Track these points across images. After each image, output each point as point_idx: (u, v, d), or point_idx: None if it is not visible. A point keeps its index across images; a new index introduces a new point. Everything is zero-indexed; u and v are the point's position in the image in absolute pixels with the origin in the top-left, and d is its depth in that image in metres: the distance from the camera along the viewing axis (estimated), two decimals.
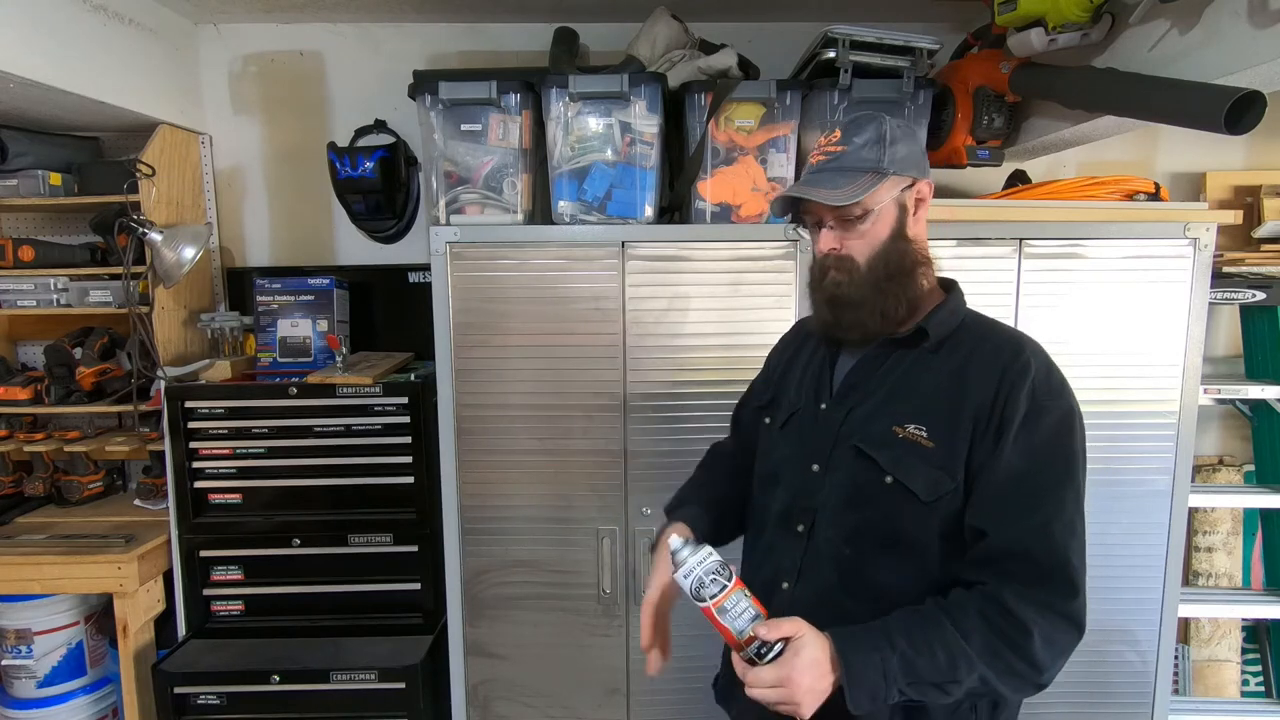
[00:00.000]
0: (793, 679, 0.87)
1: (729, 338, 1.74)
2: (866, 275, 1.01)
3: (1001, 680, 0.91)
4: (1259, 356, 2.20)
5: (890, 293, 1.01)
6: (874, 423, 1.02)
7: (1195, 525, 2.27)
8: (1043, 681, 0.92)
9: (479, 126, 1.74)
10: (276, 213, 2.34)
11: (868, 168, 0.98)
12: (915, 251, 1.03)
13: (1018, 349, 0.99)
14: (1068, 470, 0.95)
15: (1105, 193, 1.73)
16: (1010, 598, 0.90)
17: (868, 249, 1.00)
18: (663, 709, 1.84)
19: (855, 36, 1.68)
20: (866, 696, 0.89)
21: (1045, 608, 0.90)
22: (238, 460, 1.95)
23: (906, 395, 1.02)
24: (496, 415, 1.76)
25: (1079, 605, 0.92)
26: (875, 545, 1.00)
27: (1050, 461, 0.94)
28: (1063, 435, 0.95)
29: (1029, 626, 0.89)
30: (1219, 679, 2.30)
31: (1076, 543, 0.93)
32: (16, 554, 1.91)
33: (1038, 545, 0.92)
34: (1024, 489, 0.94)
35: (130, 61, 1.97)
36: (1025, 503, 0.93)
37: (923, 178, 1.03)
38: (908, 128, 1.03)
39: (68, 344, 2.13)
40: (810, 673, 0.88)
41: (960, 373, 0.99)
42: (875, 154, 0.99)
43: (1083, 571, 0.93)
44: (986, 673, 0.90)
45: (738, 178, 1.76)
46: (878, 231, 1.00)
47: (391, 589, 1.98)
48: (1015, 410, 0.94)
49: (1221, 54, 1.24)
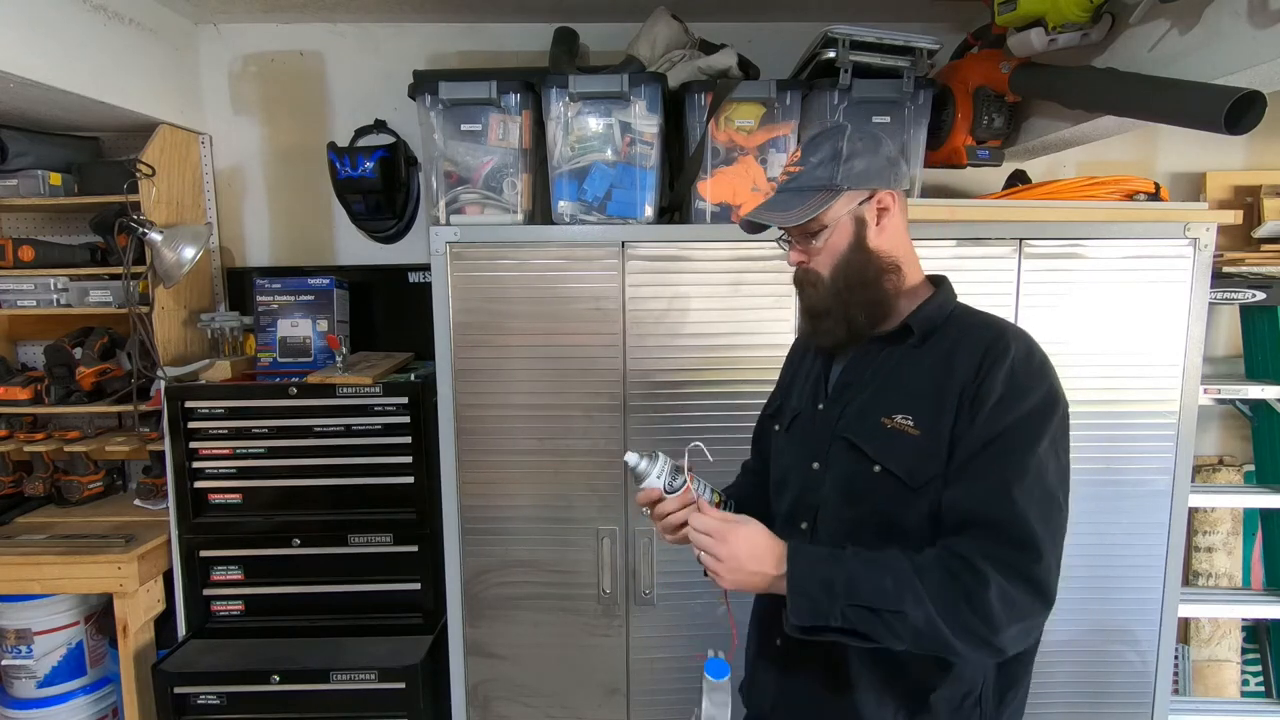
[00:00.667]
0: (728, 539, 0.96)
1: (729, 338, 1.74)
2: (830, 286, 1.06)
3: (953, 631, 0.90)
4: (1259, 356, 2.20)
5: (853, 302, 1.05)
6: (866, 417, 1.05)
7: (1195, 525, 2.27)
8: (998, 644, 0.90)
9: (479, 126, 1.74)
10: (276, 213, 2.34)
11: (820, 186, 1.03)
12: (878, 261, 1.05)
13: (999, 333, 1.02)
14: (1037, 441, 0.94)
15: (1105, 193, 1.73)
16: (972, 552, 0.91)
17: (830, 261, 1.06)
18: (663, 709, 1.84)
19: (855, 36, 1.68)
20: (806, 605, 0.92)
21: (1007, 567, 0.90)
22: (238, 460, 1.94)
23: (894, 387, 1.05)
24: (496, 415, 1.76)
25: (1043, 571, 0.90)
26: (873, 538, 1.02)
27: (1020, 431, 0.94)
28: (1036, 412, 0.95)
29: (987, 578, 0.89)
30: (1219, 679, 2.30)
31: (1041, 510, 0.92)
32: (16, 554, 1.91)
33: (998, 507, 0.92)
34: (989, 453, 0.94)
35: (130, 61, 1.97)
36: (988, 467, 0.94)
37: (885, 188, 1.05)
38: (872, 139, 1.06)
39: (68, 344, 2.13)
40: (745, 545, 0.96)
41: (945, 360, 1.01)
42: (828, 171, 1.03)
43: (1050, 539, 0.91)
44: (935, 615, 0.89)
45: (738, 178, 1.76)
46: (835, 245, 1.05)
47: (391, 589, 1.98)
48: (992, 388, 0.96)
49: (1221, 54, 1.24)
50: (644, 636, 1.81)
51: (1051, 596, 0.91)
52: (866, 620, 0.91)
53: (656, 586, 1.79)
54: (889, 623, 0.91)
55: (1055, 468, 0.95)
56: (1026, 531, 0.90)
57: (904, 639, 0.91)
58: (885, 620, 0.91)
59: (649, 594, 1.79)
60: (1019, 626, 0.90)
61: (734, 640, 1.13)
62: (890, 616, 0.90)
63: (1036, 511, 0.91)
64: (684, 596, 1.79)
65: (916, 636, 0.91)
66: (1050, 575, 0.91)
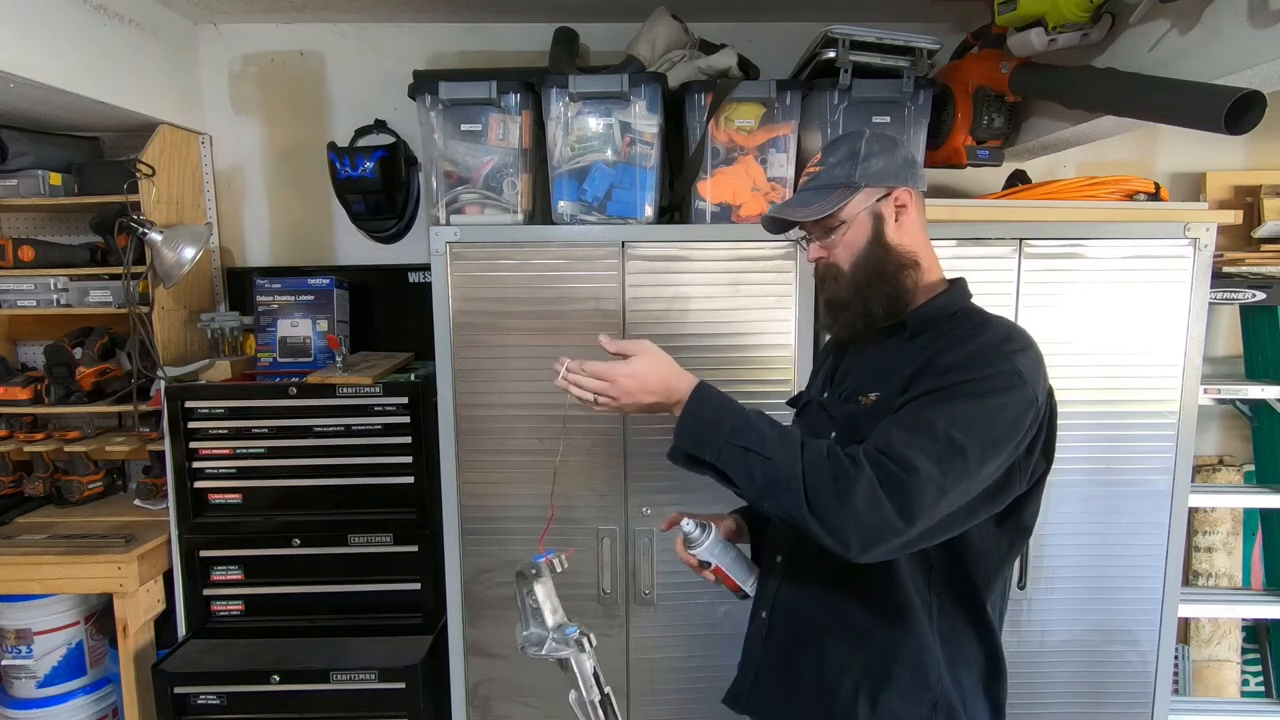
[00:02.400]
0: (634, 363, 1.04)
1: (729, 338, 1.74)
2: (850, 279, 1.09)
3: (810, 498, 0.91)
4: (1259, 356, 2.20)
5: (872, 295, 1.08)
6: (849, 400, 1.12)
7: (1195, 525, 2.27)
8: (846, 531, 0.90)
9: (479, 126, 1.74)
10: (276, 213, 2.34)
11: (839, 183, 1.08)
12: (897, 255, 1.08)
13: (983, 323, 1.05)
14: (971, 399, 0.94)
15: (1105, 193, 1.73)
16: (858, 451, 0.94)
17: (849, 256, 1.09)
18: (663, 709, 1.84)
19: (855, 36, 1.68)
20: (689, 434, 1.00)
21: (884, 472, 0.91)
22: (238, 460, 1.94)
23: (876, 370, 1.10)
24: (496, 415, 1.76)
25: (915, 488, 0.90)
26: None
27: (957, 389, 0.96)
28: (986, 380, 0.96)
29: (862, 470, 0.91)
30: (1219, 679, 2.30)
31: (938, 447, 0.91)
32: (16, 554, 1.91)
33: (900, 435, 0.94)
34: (917, 403, 0.97)
35: (130, 61, 1.97)
36: (912, 412, 0.97)
37: (902, 186, 1.08)
38: (890, 142, 1.10)
39: (68, 344, 2.13)
40: (636, 379, 1.03)
41: (926, 347, 1.05)
42: (847, 170, 1.08)
43: (935, 469, 0.90)
44: (799, 475, 0.92)
45: (738, 178, 1.76)
46: (854, 239, 1.08)
47: (391, 589, 1.98)
48: (946, 360, 0.99)
49: (1221, 54, 1.24)
50: (644, 636, 1.81)
51: (914, 516, 0.90)
52: (738, 459, 0.97)
53: (657, 586, 1.79)
54: (751, 465, 0.96)
55: (981, 429, 0.94)
56: (912, 455, 0.91)
57: (757, 485, 0.96)
58: (749, 462, 0.96)
59: (649, 594, 1.79)
60: (870, 527, 0.90)
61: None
62: (755, 459, 0.95)
63: (931, 448, 0.92)
64: (684, 596, 1.79)
65: (769, 487, 0.95)
66: (920, 498, 0.90)
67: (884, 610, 1.07)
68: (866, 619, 1.08)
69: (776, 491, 0.94)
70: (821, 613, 1.12)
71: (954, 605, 1.07)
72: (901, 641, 1.06)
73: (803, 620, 1.15)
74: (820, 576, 1.12)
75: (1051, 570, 1.78)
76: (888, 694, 1.06)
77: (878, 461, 0.92)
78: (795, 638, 1.15)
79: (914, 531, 0.92)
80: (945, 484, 0.91)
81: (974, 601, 1.07)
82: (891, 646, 1.07)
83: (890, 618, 1.06)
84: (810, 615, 1.14)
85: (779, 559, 1.19)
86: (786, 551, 1.18)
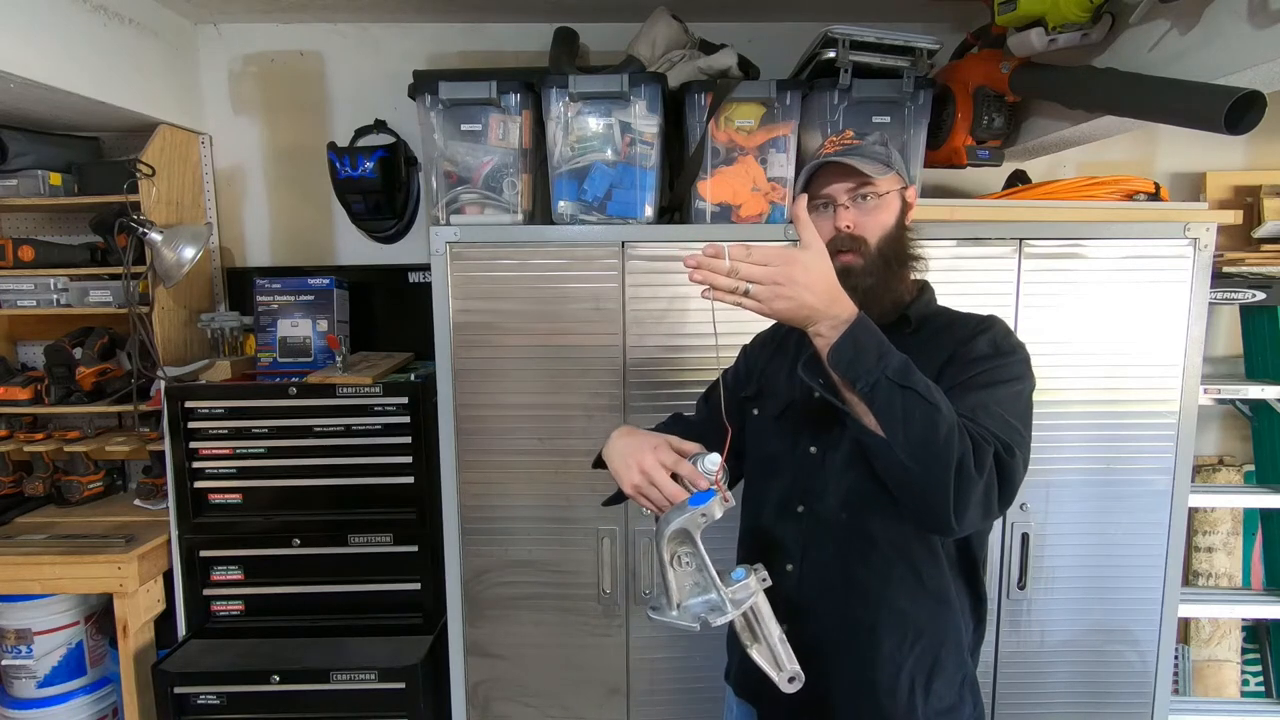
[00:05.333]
0: (796, 260, 0.90)
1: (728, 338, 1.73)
2: (877, 255, 1.08)
3: (964, 457, 0.88)
4: (1259, 356, 2.20)
5: (895, 275, 1.10)
6: None
7: (1195, 525, 2.27)
8: (967, 497, 0.89)
9: (479, 126, 1.74)
10: (276, 213, 2.34)
11: (880, 159, 1.09)
12: (910, 246, 1.13)
13: (982, 318, 1.11)
14: (1018, 381, 1.01)
15: (1105, 193, 1.73)
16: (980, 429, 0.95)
17: (879, 230, 1.09)
18: (663, 709, 1.84)
19: (855, 36, 1.68)
20: (844, 357, 0.91)
21: (999, 452, 0.93)
22: (238, 460, 1.94)
23: None
24: (496, 415, 1.76)
25: (1013, 472, 0.94)
26: (868, 501, 1.06)
27: (1003, 371, 1.01)
28: (1017, 365, 1.03)
29: (990, 447, 0.91)
30: (1219, 679, 2.30)
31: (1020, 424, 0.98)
32: (16, 554, 1.91)
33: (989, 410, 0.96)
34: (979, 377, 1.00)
35: (130, 61, 1.97)
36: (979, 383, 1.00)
37: (911, 184, 1.15)
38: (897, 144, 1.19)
39: (68, 344, 2.13)
40: (810, 272, 0.90)
41: (935, 340, 1.08)
42: (884, 152, 1.12)
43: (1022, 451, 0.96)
44: (954, 430, 0.88)
45: (738, 178, 1.76)
46: (886, 216, 1.10)
47: (391, 589, 1.98)
48: (977, 347, 1.04)
49: (1221, 54, 1.24)
50: (644, 636, 1.81)
51: (1012, 498, 0.95)
52: (895, 396, 0.89)
53: (657, 586, 1.79)
54: (910, 407, 0.89)
55: (1026, 409, 1.01)
56: (1011, 435, 0.95)
57: (912, 430, 0.89)
58: (909, 403, 0.89)
59: (649, 594, 1.79)
60: (985, 502, 0.91)
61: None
62: (918, 401, 0.89)
63: (1008, 431, 0.95)
64: None
65: (926, 436, 0.88)
66: (1016, 479, 0.94)
67: (933, 599, 1.08)
68: (918, 610, 1.08)
69: (931, 442, 0.88)
70: (861, 612, 1.09)
71: (966, 582, 1.12)
72: (947, 626, 1.09)
73: (830, 623, 1.11)
74: (853, 576, 1.09)
75: (1051, 570, 1.78)
76: (938, 681, 1.08)
77: (992, 441, 0.92)
78: (823, 643, 1.11)
79: (1010, 503, 0.96)
80: (1026, 455, 0.96)
81: (975, 575, 1.13)
82: (939, 633, 1.09)
83: (937, 605, 1.08)
84: (843, 615, 1.10)
85: (789, 567, 1.14)
86: (798, 558, 1.14)
